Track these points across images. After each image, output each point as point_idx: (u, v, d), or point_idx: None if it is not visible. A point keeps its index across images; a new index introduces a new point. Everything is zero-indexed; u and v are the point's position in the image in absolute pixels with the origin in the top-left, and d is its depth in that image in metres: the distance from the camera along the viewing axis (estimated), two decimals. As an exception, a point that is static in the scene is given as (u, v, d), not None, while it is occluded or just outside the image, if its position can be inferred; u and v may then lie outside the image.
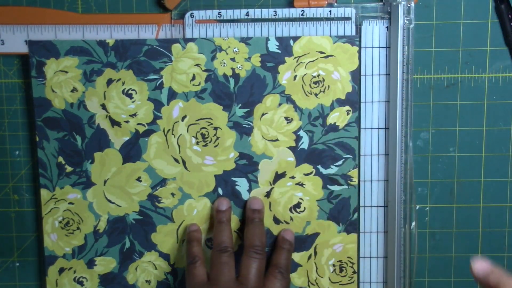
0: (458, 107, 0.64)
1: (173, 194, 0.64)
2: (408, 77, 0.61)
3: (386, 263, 0.65)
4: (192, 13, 0.62)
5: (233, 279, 0.59)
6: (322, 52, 0.62)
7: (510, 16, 0.62)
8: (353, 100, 0.62)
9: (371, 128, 0.63)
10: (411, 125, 0.62)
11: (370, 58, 0.63)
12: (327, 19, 0.62)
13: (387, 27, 0.62)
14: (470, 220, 0.66)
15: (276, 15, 0.62)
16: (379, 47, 0.62)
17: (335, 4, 0.62)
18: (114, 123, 0.63)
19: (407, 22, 0.60)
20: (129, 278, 0.65)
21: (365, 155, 0.64)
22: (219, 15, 0.62)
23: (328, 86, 0.62)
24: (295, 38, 0.62)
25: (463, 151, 0.65)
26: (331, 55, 0.62)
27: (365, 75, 0.63)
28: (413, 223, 0.64)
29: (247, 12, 0.62)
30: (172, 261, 0.65)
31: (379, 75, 0.63)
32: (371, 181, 0.64)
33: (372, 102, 0.63)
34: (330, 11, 0.62)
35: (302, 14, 0.62)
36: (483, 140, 0.64)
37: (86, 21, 0.62)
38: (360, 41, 0.62)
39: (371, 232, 0.65)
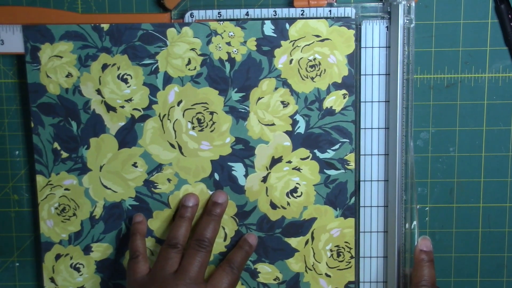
0: (458, 107, 0.64)
1: (169, 180, 0.64)
2: (408, 77, 0.61)
3: (386, 263, 0.65)
4: (192, 13, 0.62)
5: (172, 273, 0.58)
6: (318, 36, 0.61)
7: (510, 16, 0.62)
8: (349, 84, 0.62)
9: (371, 128, 0.63)
10: (411, 125, 0.62)
11: (370, 58, 0.63)
12: (327, 19, 0.62)
13: (387, 27, 0.62)
14: (470, 220, 0.66)
15: (276, 15, 0.62)
16: (379, 47, 0.62)
17: (335, 4, 0.62)
18: (110, 108, 0.63)
19: (407, 22, 0.60)
20: (126, 264, 0.65)
21: (365, 155, 0.64)
22: (219, 15, 0.62)
23: (324, 70, 0.62)
24: (291, 22, 0.61)
25: (463, 151, 0.65)
26: (327, 39, 0.61)
27: (365, 75, 0.63)
28: (414, 223, 0.64)
29: (247, 12, 0.62)
30: None
31: (379, 75, 0.63)
32: (371, 181, 0.64)
33: (372, 102, 0.63)
34: (330, 11, 0.62)
35: (302, 14, 0.62)
36: (483, 140, 0.64)
37: (86, 21, 0.62)
38: (360, 40, 0.62)
39: (371, 232, 0.65)
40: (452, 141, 0.64)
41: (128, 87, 0.63)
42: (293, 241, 0.64)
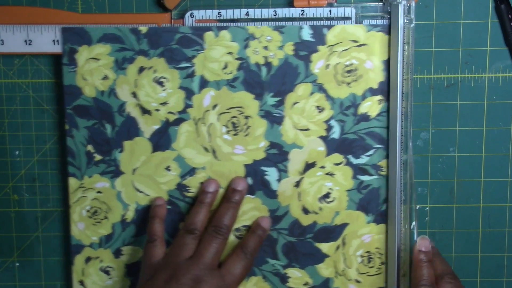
0: (458, 107, 0.64)
1: (202, 183, 0.64)
2: (408, 77, 0.61)
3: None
4: (192, 13, 0.62)
5: (187, 258, 0.58)
6: (355, 41, 0.62)
7: (510, 16, 0.62)
8: (385, 90, 0.62)
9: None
10: (411, 125, 0.62)
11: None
12: (327, 19, 0.62)
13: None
14: (470, 220, 0.66)
15: (276, 15, 0.62)
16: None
17: (335, 4, 0.62)
18: (145, 111, 0.63)
19: (407, 22, 0.60)
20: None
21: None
22: (219, 15, 0.62)
23: (361, 75, 0.62)
24: (329, 27, 0.61)
25: (463, 151, 0.65)
26: (364, 44, 0.62)
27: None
28: (413, 223, 0.64)
29: (247, 12, 0.62)
30: None
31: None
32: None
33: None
34: (330, 11, 0.62)
35: (302, 14, 0.62)
36: (483, 140, 0.64)
37: (86, 21, 0.62)
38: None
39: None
40: (452, 141, 0.64)
41: (163, 90, 0.63)
42: (324, 246, 0.65)
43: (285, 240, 0.64)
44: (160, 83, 0.63)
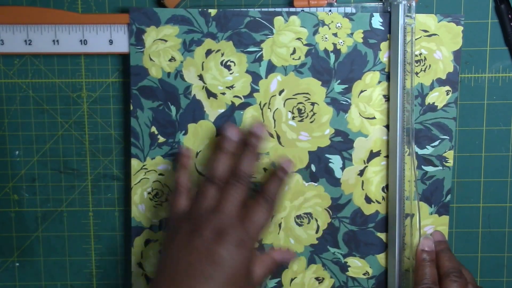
0: (458, 107, 0.64)
1: (265, 169, 0.63)
2: (408, 77, 0.61)
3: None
4: (192, 13, 0.62)
5: (209, 209, 0.56)
6: (426, 31, 0.61)
7: (510, 16, 0.62)
8: (453, 80, 0.62)
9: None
10: (412, 125, 0.62)
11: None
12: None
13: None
14: (470, 220, 0.66)
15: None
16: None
17: (335, 3, 0.62)
18: (210, 94, 0.63)
19: (407, 22, 0.60)
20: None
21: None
22: (219, 15, 0.62)
23: (430, 65, 0.62)
24: None
25: (463, 151, 0.65)
26: (435, 34, 0.61)
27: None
28: (415, 223, 0.63)
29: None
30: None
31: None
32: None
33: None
34: (330, 10, 0.62)
35: (301, 15, 0.62)
36: (483, 140, 0.64)
37: (86, 21, 0.62)
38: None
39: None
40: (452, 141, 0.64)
41: (230, 74, 0.62)
42: (386, 236, 0.64)
43: (347, 228, 0.64)
44: (228, 67, 0.62)
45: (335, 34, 0.62)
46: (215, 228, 0.55)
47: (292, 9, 0.62)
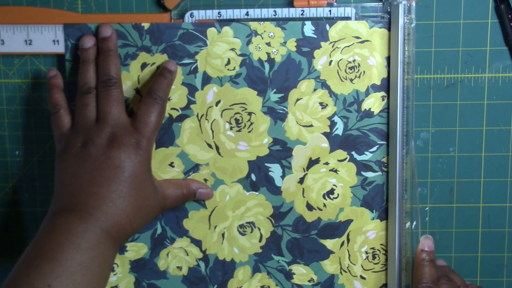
0: (458, 107, 0.64)
1: (205, 180, 0.63)
2: (408, 77, 0.61)
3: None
4: (192, 13, 0.62)
5: (93, 119, 0.57)
6: (358, 37, 0.62)
7: (510, 16, 0.62)
8: (387, 86, 0.61)
9: (372, 128, 0.63)
10: (412, 124, 0.62)
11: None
12: (327, 19, 0.62)
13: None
14: (470, 220, 0.66)
15: (276, 15, 0.62)
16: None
17: (335, 4, 0.62)
18: None
19: (407, 22, 0.60)
20: (160, 264, 0.64)
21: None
22: (219, 15, 0.62)
23: (364, 72, 0.62)
24: (331, 23, 0.61)
25: (463, 151, 0.65)
26: (367, 40, 0.62)
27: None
28: (414, 223, 0.64)
29: (247, 12, 0.62)
30: (204, 247, 0.64)
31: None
32: (371, 180, 0.64)
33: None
34: (330, 10, 0.62)
35: (302, 14, 0.62)
36: (483, 140, 0.64)
37: (86, 21, 0.62)
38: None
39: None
40: (452, 141, 0.64)
41: None
42: (329, 243, 0.64)
43: (290, 236, 0.64)
44: None
45: (268, 44, 0.62)
46: (107, 134, 0.56)
47: (225, 20, 0.62)
